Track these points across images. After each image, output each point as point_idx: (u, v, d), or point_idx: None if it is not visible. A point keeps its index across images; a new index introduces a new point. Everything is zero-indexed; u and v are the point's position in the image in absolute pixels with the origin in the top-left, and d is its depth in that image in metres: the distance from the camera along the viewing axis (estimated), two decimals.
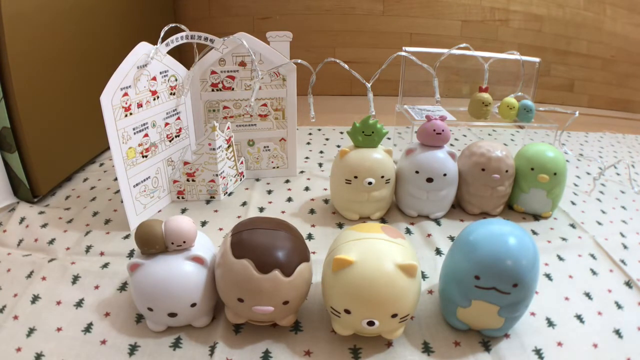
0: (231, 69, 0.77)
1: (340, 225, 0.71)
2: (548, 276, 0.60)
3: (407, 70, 0.94)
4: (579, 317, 0.53)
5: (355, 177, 0.66)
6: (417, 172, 0.68)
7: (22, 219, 0.70)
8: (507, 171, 0.70)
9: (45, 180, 0.76)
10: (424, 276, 0.59)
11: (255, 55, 0.75)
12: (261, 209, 0.75)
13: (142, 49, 0.66)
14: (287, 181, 0.85)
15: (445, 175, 0.68)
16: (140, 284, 0.46)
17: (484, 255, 0.44)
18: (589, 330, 0.51)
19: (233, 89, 0.79)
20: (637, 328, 0.52)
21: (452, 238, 0.68)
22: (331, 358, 0.47)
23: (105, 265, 0.59)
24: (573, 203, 0.82)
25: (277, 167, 0.87)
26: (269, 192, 0.81)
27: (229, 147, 0.77)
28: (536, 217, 0.75)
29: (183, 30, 0.72)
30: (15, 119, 0.69)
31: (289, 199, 0.79)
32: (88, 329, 0.49)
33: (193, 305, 0.46)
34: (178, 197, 0.77)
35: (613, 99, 1.61)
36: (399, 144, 1.04)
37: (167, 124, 0.74)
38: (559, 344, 0.49)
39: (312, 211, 0.75)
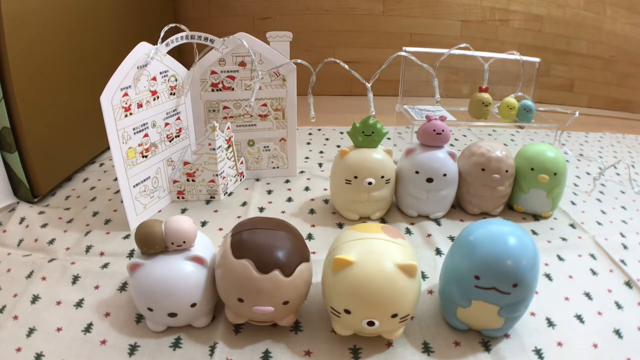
0: (231, 69, 0.77)
1: (340, 225, 0.71)
2: (548, 276, 0.60)
3: (407, 70, 0.94)
4: (579, 317, 0.53)
5: (355, 177, 0.66)
6: (417, 172, 0.68)
7: (22, 219, 0.70)
8: (507, 171, 0.70)
9: (45, 180, 0.76)
10: (424, 276, 0.59)
11: (255, 55, 0.75)
12: (261, 209, 0.75)
13: (142, 49, 0.66)
14: (287, 181, 0.85)
15: (445, 175, 0.68)
16: (140, 284, 0.46)
17: (484, 255, 0.44)
18: (589, 330, 0.51)
19: (233, 89, 0.79)
20: (637, 328, 0.52)
21: (452, 238, 0.68)
22: (331, 358, 0.47)
23: (105, 265, 0.59)
24: (573, 203, 0.82)
25: (277, 167, 0.87)
26: (269, 192, 0.81)
27: (229, 147, 0.77)
28: (536, 217, 0.75)
29: (183, 30, 0.72)
30: (15, 119, 0.69)
31: (289, 199, 0.79)
32: (88, 329, 0.49)
33: (193, 305, 0.47)
34: (178, 197, 0.77)
35: (613, 99, 1.61)
36: (399, 144, 1.05)
37: (167, 124, 0.74)
38: (559, 344, 0.49)
39: (312, 211, 0.75)
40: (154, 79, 0.69)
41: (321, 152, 1.02)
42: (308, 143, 1.07)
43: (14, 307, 0.52)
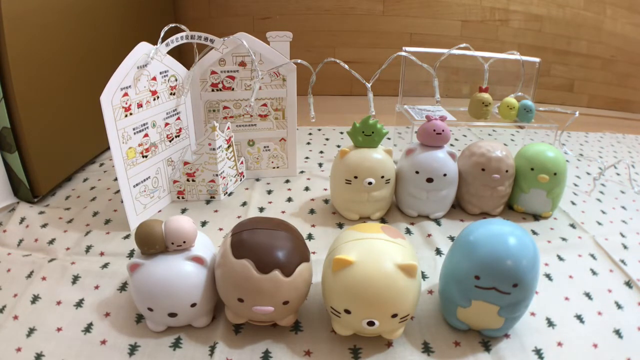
0: (231, 69, 0.77)
1: (340, 225, 0.71)
2: (548, 276, 0.60)
3: (407, 70, 0.94)
4: (579, 317, 0.53)
5: (355, 177, 0.66)
6: (417, 172, 0.68)
7: (22, 219, 0.70)
8: (507, 171, 0.70)
9: (45, 180, 0.76)
10: (424, 276, 0.59)
11: (255, 55, 0.75)
12: (261, 209, 0.75)
13: (142, 49, 0.65)
14: (287, 181, 0.85)
15: (445, 175, 0.68)
16: (140, 284, 0.46)
17: (484, 255, 0.44)
18: (589, 330, 0.51)
19: (233, 89, 0.79)
20: (637, 328, 0.52)
21: (452, 238, 0.68)
22: (331, 358, 0.47)
23: (105, 265, 0.59)
24: (573, 203, 0.82)
25: (277, 167, 0.87)
26: (269, 192, 0.81)
27: (229, 147, 0.77)
28: (536, 217, 0.75)
29: (183, 30, 0.72)
30: (15, 119, 0.69)
31: (289, 199, 0.79)
32: (88, 329, 0.49)
33: (193, 305, 0.47)
34: (178, 197, 0.77)
35: (613, 99, 1.61)
36: (399, 144, 1.05)
37: (167, 124, 0.74)
38: (559, 344, 0.49)
39: (312, 211, 0.75)
40: (154, 79, 0.69)
41: (321, 152, 1.02)
42: (308, 143, 1.07)
43: (14, 307, 0.52)
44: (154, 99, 0.70)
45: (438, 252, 0.64)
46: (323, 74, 0.80)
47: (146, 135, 0.69)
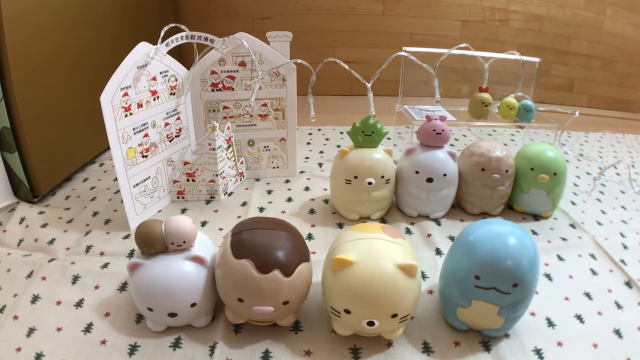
0: (231, 69, 0.77)
1: (340, 225, 0.71)
2: (548, 276, 0.60)
3: (407, 70, 0.94)
4: (579, 317, 0.53)
5: (355, 177, 0.66)
6: (417, 172, 0.68)
7: (22, 219, 0.70)
8: (507, 171, 0.70)
9: (45, 180, 0.76)
10: (424, 276, 0.59)
11: (255, 55, 0.75)
12: (261, 209, 0.75)
13: (142, 49, 0.65)
14: (287, 181, 0.85)
15: (445, 175, 0.68)
16: (140, 284, 0.46)
17: (484, 255, 0.44)
18: (589, 330, 0.51)
19: (233, 89, 0.79)
20: (637, 328, 0.52)
21: (452, 238, 0.68)
22: (331, 358, 0.47)
23: (105, 265, 0.59)
24: (573, 203, 0.82)
25: (277, 167, 0.87)
26: (269, 192, 0.81)
27: (229, 147, 0.77)
28: (536, 217, 0.75)
29: (183, 30, 0.72)
30: (15, 119, 0.69)
31: (289, 199, 0.79)
32: (88, 329, 0.49)
33: (193, 305, 0.47)
34: (178, 197, 0.77)
35: (613, 99, 1.61)
36: (399, 144, 1.04)
37: (167, 124, 0.74)
38: (559, 344, 0.49)
39: (312, 211, 0.75)
40: (154, 79, 0.69)
41: (321, 152, 1.02)
42: (308, 143, 1.07)
43: (14, 307, 0.52)
44: (154, 99, 0.70)
45: (438, 252, 0.64)
46: (323, 74, 0.80)
47: (146, 135, 0.69)
